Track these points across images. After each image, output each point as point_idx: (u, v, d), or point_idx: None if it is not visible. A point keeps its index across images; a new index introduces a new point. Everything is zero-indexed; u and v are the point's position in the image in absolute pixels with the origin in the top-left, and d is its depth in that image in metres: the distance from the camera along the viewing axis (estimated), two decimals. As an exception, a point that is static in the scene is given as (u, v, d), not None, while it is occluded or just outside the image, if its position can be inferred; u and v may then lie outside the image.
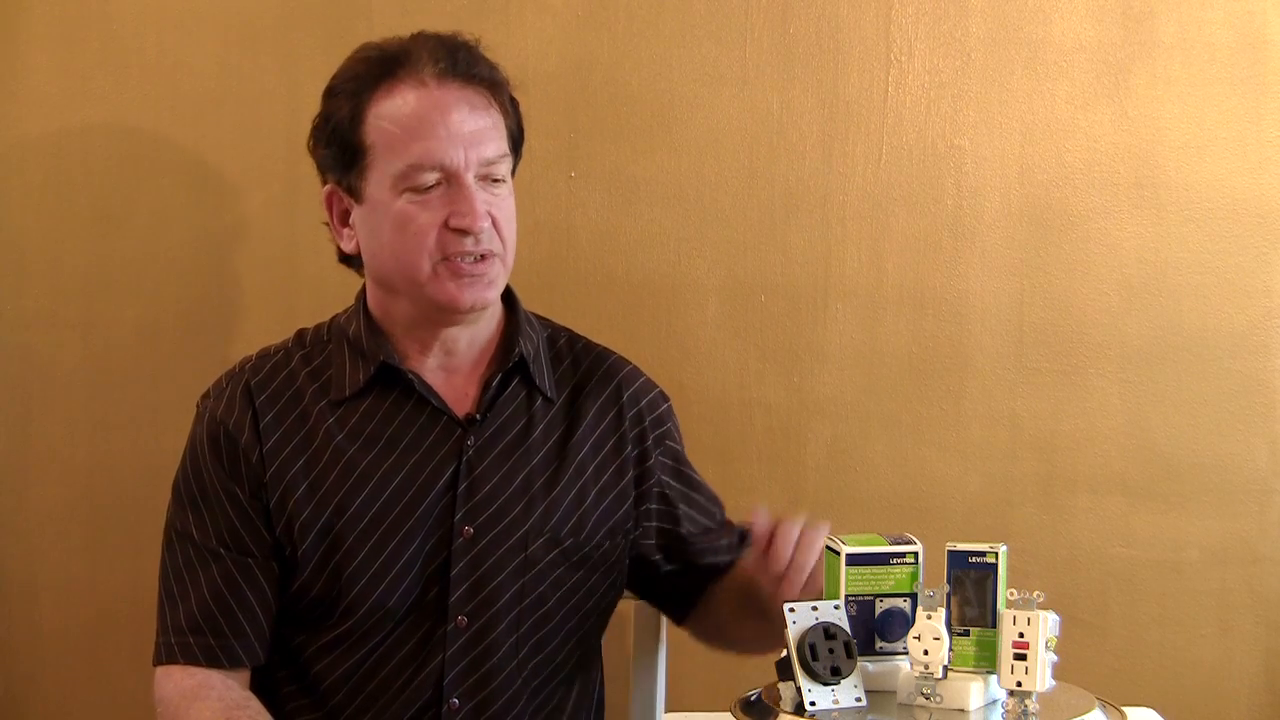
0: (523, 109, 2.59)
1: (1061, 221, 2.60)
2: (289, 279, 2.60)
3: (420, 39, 1.94)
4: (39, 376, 2.61)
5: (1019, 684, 1.64)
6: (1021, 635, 1.63)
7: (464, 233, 1.87)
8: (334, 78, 1.96)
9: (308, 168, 2.58)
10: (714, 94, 2.59)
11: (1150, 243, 2.59)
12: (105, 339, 2.61)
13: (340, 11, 2.57)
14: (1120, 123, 2.59)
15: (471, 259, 1.89)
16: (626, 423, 2.01)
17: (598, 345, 2.08)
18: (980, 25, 2.59)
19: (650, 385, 2.07)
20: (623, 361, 2.07)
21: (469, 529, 1.91)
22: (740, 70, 2.59)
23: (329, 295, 2.56)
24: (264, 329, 2.56)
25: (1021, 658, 1.63)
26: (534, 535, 1.93)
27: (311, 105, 2.58)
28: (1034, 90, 2.59)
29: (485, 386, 1.95)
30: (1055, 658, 1.65)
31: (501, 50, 2.58)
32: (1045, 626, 1.63)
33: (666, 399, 2.08)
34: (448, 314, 1.91)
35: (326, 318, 2.08)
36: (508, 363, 1.96)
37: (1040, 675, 1.63)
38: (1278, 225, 2.59)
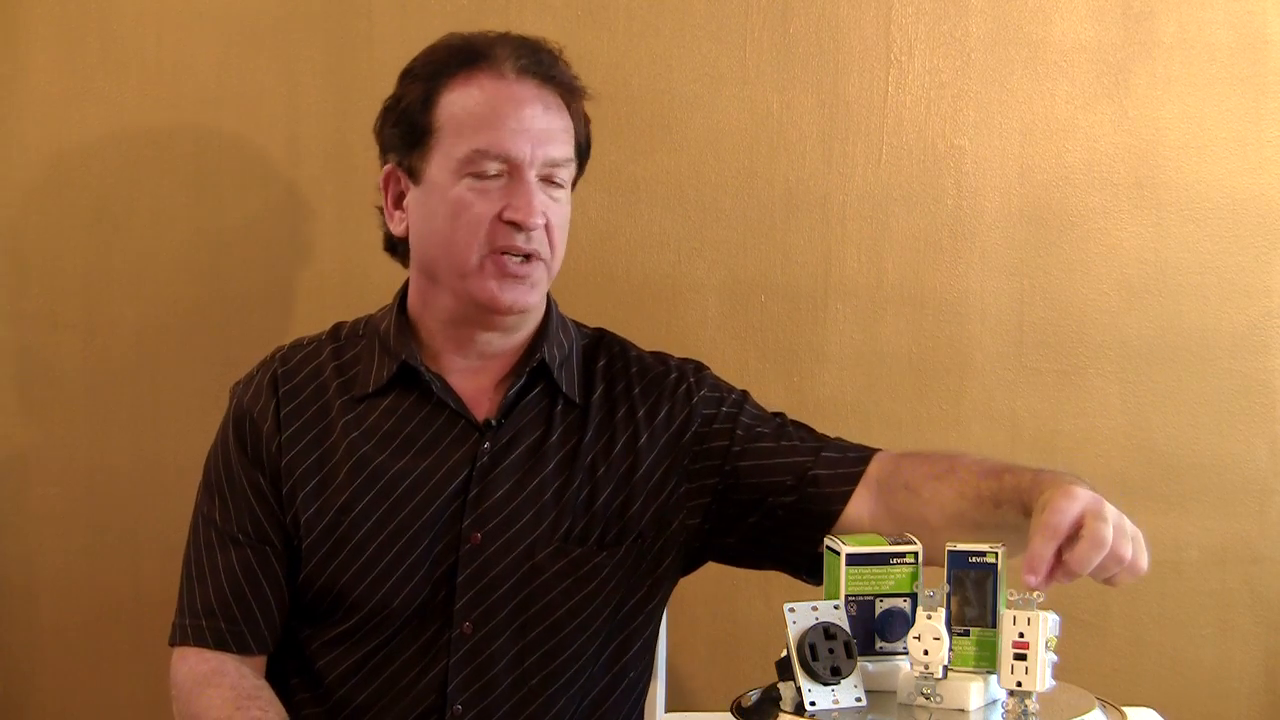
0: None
1: (1061, 221, 2.60)
2: (289, 279, 2.60)
3: (505, 37, 1.95)
4: (39, 376, 2.61)
5: (1019, 684, 1.64)
6: (1021, 635, 1.63)
7: (517, 227, 1.86)
8: (412, 61, 1.96)
9: (308, 168, 2.59)
10: (714, 94, 2.59)
11: (1150, 243, 2.59)
12: (105, 339, 2.61)
13: (340, 11, 2.57)
14: (1120, 123, 2.59)
15: (518, 259, 1.88)
16: (663, 419, 1.97)
17: (649, 354, 2.04)
18: (980, 25, 2.59)
19: (684, 370, 2.02)
20: (668, 367, 2.02)
21: (477, 535, 1.90)
22: (740, 70, 2.59)
23: (329, 296, 2.57)
24: (264, 329, 2.56)
25: (1021, 658, 1.63)
26: (541, 544, 1.91)
27: (312, 105, 2.59)
28: (1034, 90, 2.59)
29: (507, 391, 1.95)
30: (1055, 658, 1.65)
31: (501, 50, 2.60)
32: (1045, 626, 1.63)
33: (696, 367, 2.03)
34: (485, 313, 1.90)
35: (327, 319, 2.08)
36: (528, 367, 1.95)
37: (1040, 675, 1.63)
38: (1278, 225, 2.59)
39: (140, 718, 2.59)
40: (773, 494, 1.92)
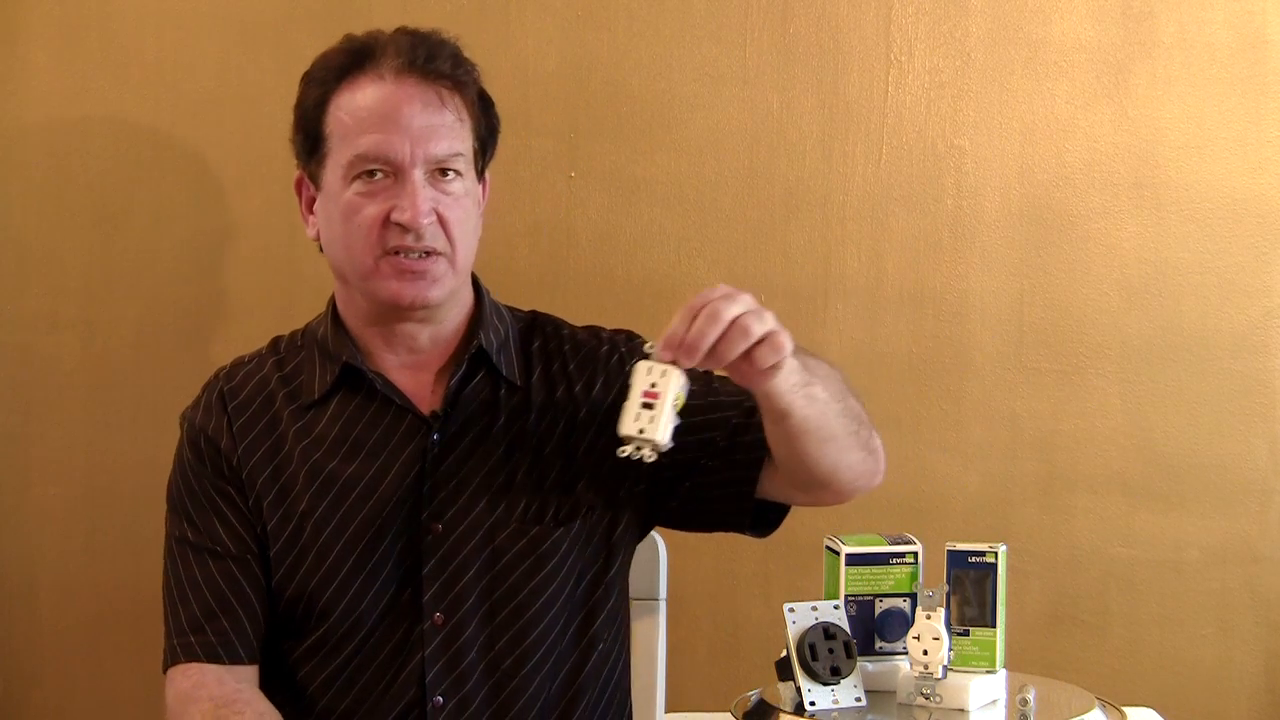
0: (523, 109, 2.60)
1: (1061, 221, 2.60)
2: (289, 279, 2.60)
3: (395, 34, 1.95)
4: (39, 376, 2.61)
5: (641, 431, 1.62)
6: (654, 386, 1.63)
7: (404, 228, 1.87)
8: (311, 65, 1.98)
9: (308, 168, 2.59)
10: (714, 94, 2.59)
11: (1150, 243, 2.59)
12: (105, 339, 2.61)
13: (340, 11, 2.57)
14: (1120, 123, 2.59)
15: (415, 256, 1.88)
16: (599, 391, 1.97)
17: (581, 330, 2.05)
18: (980, 25, 2.59)
19: (615, 341, 2.02)
20: (599, 340, 2.02)
21: (438, 525, 1.91)
22: (740, 70, 2.59)
23: (328, 296, 2.56)
24: (263, 329, 2.55)
25: (649, 407, 1.62)
26: (500, 527, 1.92)
27: (311, 105, 2.58)
28: (1034, 90, 2.59)
29: (449, 381, 1.95)
30: (679, 421, 1.64)
31: (501, 50, 2.60)
32: (675, 383, 1.63)
33: (628, 337, 2.03)
34: (394, 310, 1.92)
35: (326, 318, 2.09)
36: (467, 355, 1.95)
37: (663, 426, 1.62)
38: (1278, 225, 2.59)
39: (140, 718, 2.59)
40: (704, 453, 1.93)
